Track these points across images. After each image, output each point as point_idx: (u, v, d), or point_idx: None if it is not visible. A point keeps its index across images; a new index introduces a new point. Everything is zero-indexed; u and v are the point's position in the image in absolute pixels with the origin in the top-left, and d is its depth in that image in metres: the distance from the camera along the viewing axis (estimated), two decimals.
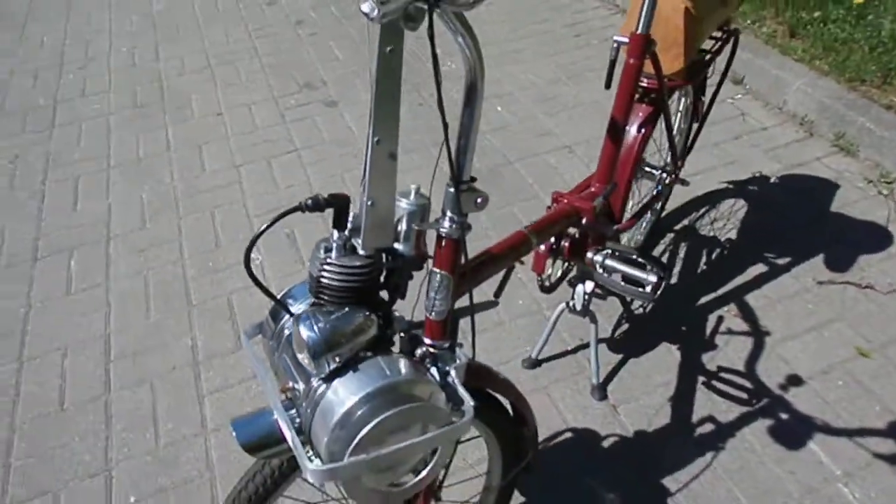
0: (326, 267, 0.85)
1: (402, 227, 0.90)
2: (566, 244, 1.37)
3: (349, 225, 0.86)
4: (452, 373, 0.92)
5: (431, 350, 0.94)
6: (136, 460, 1.56)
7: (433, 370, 0.92)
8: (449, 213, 0.89)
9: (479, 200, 0.89)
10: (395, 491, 0.90)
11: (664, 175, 1.74)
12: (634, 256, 1.30)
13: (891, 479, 1.42)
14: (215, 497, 1.47)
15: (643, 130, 1.49)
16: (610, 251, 1.32)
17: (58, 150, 2.63)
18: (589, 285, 1.57)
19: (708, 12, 1.43)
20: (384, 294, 0.93)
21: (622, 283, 1.33)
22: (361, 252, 0.86)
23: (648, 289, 1.27)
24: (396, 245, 0.91)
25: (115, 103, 2.89)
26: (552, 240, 1.36)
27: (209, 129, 2.68)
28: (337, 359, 0.82)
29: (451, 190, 0.88)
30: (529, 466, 1.22)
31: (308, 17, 3.45)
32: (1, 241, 2.21)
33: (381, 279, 0.91)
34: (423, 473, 0.90)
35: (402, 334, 0.96)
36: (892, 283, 1.84)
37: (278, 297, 0.91)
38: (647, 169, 1.73)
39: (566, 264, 1.47)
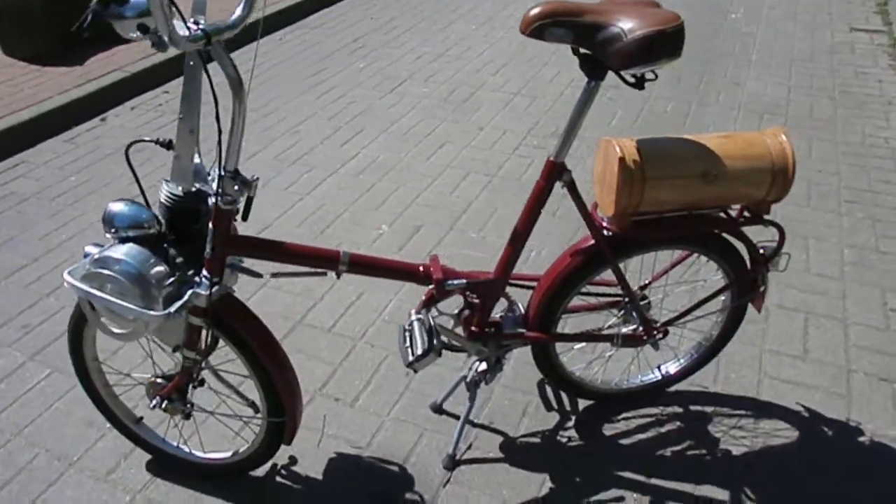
0: (163, 188, 1.33)
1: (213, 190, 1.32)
2: (466, 312, 1.54)
3: None
4: (189, 292, 1.32)
5: (202, 276, 1.35)
6: None
7: (185, 284, 1.34)
8: (220, 191, 1.28)
9: (236, 187, 1.26)
10: (115, 331, 1.35)
11: (630, 328, 1.63)
12: (433, 331, 1.41)
13: None
14: None
15: (573, 258, 1.49)
16: (429, 318, 1.44)
17: (380, 105, 3.56)
18: (483, 365, 1.67)
19: (666, 179, 1.33)
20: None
21: (408, 341, 1.44)
22: (179, 188, 1.32)
23: (412, 356, 1.38)
24: (211, 200, 1.34)
25: (435, 94, 3.69)
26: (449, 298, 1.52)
27: (468, 135, 3.26)
28: (125, 234, 1.32)
29: (222, 175, 1.26)
30: (285, 432, 1.51)
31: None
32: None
33: (196, 217, 1.35)
34: (127, 330, 1.33)
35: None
36: None
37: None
38: (619, 313, 1.65)
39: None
